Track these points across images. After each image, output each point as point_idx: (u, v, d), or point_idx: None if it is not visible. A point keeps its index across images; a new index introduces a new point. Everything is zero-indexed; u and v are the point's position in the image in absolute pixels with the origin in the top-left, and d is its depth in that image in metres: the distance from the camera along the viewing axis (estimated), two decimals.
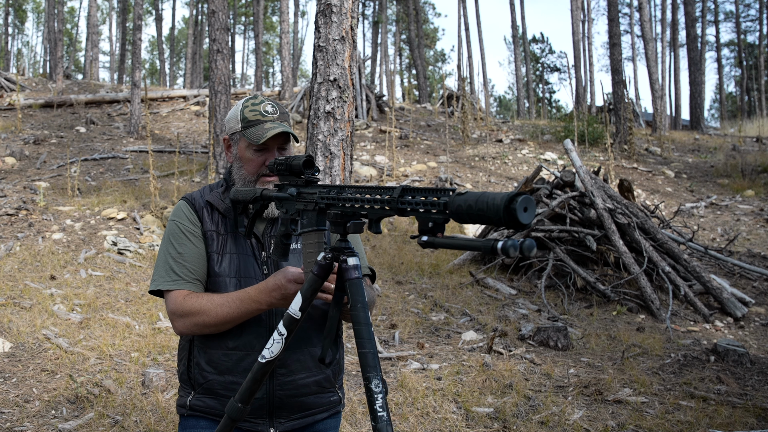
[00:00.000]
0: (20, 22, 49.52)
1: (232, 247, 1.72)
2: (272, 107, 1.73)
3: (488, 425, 3.30)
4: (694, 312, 5.74)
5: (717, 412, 3.48)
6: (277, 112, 1.74)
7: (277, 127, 1.68)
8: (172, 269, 1.69)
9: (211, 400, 1.70)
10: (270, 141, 1.70)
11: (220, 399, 1.68)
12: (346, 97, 4.02)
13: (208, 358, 1.69)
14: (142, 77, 21.04)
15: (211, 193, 1.78)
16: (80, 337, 4.29)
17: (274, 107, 1.74)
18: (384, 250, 7.43)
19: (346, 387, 3.66)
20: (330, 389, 1.77)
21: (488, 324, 5.15)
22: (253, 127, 1.70)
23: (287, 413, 1.69)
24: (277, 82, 49.20)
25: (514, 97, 44.11)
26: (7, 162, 10.52)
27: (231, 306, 1.59)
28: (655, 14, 36.18)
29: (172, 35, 46.04)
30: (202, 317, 1.61)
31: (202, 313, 1.61)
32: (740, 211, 10.73)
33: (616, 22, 16.27)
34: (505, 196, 0.95)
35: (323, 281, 1.38)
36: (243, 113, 1.72)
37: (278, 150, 1.73)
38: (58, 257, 6.29)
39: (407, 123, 16.75)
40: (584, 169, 6.66)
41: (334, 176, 4.03)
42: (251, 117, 1.71)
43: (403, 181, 11.20)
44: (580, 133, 14.88)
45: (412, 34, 32.25)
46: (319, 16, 4.08)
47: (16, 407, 3.25)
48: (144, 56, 45.25)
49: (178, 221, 1.73)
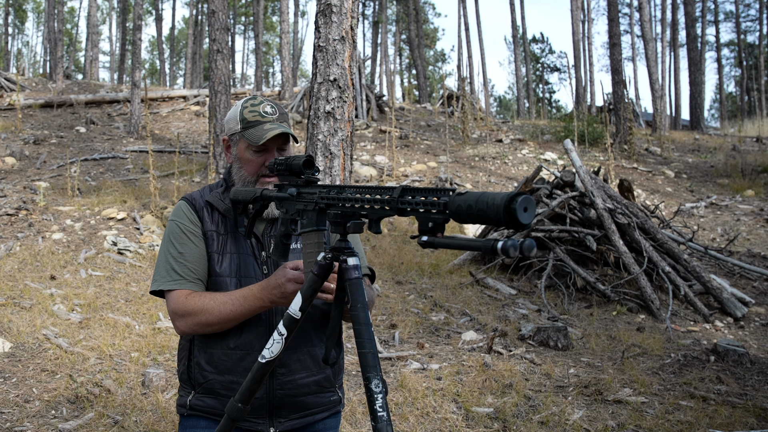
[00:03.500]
0: (20, 22, 49.52)
1: (233, 247, 1.72)
2: (271, 108, 1.73)
3: (488, 425, 3.30)
4: (694, 312, 5.74)
5: (717, 412, 3.48)
6: (277, 112, 1.73)
7: (277, 128, 1.67)
8: (173, 269, 1.68)
9: (211, 400, 1.70)
10: (269, 142, 1.70)
11: (220, 399, 1.68)
12: (346, 97, 4.02)
13: (208, 358, 1.69)
14: (142, 77, 21.05)
15: (211, 194, 1.78)
16: (80, 337, 4.29)
17: (273, 108, 1.73)
18: (384, 250, 7.43)
19: (346, 387, 3.67)
20: (330, 389, 1.77)
21: (488, 324, 5.15)
22: (253, 128, 1.70)
23: (287, 413, 1.69)
24: (277, 82, 49.20)
25: (514, 97, 44.12)
26: (7, 162, 10.52)
27: (234, 303, 1.59)
28: (655, 14, 36.19)
29: (172, 35, 46.04)
30: (205, 316, 1.61)
31: (205, 312, 1.61)
32: (740, 211, 10.73)
33: (616, 22, 16.27)
34: (505, 196, 0.95)
35: (323, 281, 1.38)
36: (242, 114, 1.72)
37: (278, 150, 1.73)
38: (58, 257, 6.28)
39: (407, 123, 16.75)
40: (584, 169, 6.66)
41: (334, 176, 4.03)
42: (250, 118, 1.71)
43: (403, 181, 11.20)
44: (580, 133, 14.88)
45: (412, 34, 32.24)
46: (319, 16, 4.07)
47: (16, 407, 3.25)
48: (144, 56, 45.26)
49: (179, 221, 1.73)
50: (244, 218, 1.68)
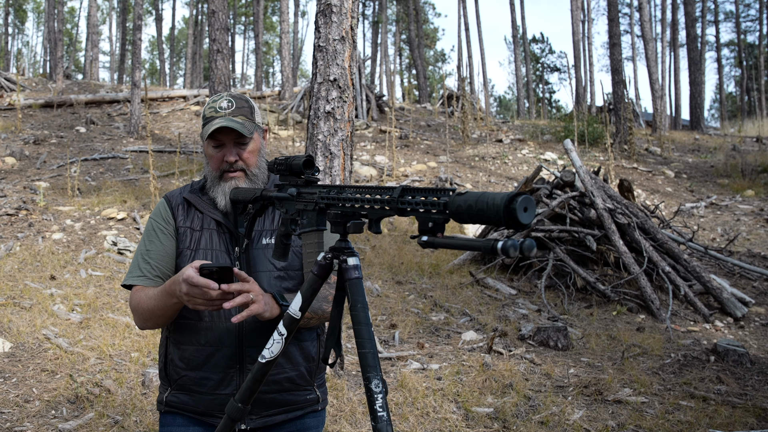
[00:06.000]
0: (20, 22, 49.52)
1: (207, 243, 1.73)
2: (228, 103, 1.74)
3: (488, 425, 3.30)
4: (694, 312, 5.74)
5: (717, 412, 3.48)
6: (233, 107, 1.73)
7: (221, 122, 1.68)
8: (138, 266, 1.73)
9: (185, 396, 1.72)
10: (222, 136, 1.71)
11: (193, 395, 1.70)
12: (346, 97, 4.02)
13: (180, 354, 1.71)
14: (142, 77, 21.04)
15: (191, 191, 1.81)
16: (80, 337, 4.29)
17: (230, 103, 1.74)
18: (384, 250, 7.43)
19: (346, 387, 3.66)
20: (306, 387, 1.77)
21: (488, 324, 5.15)
22: (207, 123, 1.73)
23: (258, 409, 1.70)
24: (277, 82, 49.20)
25: (514, 97, 44.11)
26: (7, 162, 10.52)
27: (155, 299, 1.62)
28: (655, 14, 36.20)
29: (172, 35, 46.03)
30: (140, 311, 1.66)
31: (140, 308, 1.66)
32: (740, 211, 10.73)
33: (616, 22, 16.26)
34: (505, 196, 0.95)
35: (323, 281, 1.39)
36: (204, 111, 1.77)
37: (235, 145, 1.73)
38: (58, 257, 6.28)
39: (407, 123, 16.75)
40: (584, 169, 6.66)
41: (334, 176, 4.02)
42: (207, 114, 1.75)
43: (403, 181, 11.20)
44: (580, 133, 14.87)
45: (412, 34, 32.24)
46: (319, 16, 4.08)
47: (16, 407, 3.25)
48: (144, 56, 45.27)
49: (153, 218, 1.78)
50: (243, 219, 1.69)
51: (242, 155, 1.73)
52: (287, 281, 1.73)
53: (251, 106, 1.78)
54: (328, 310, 1.68)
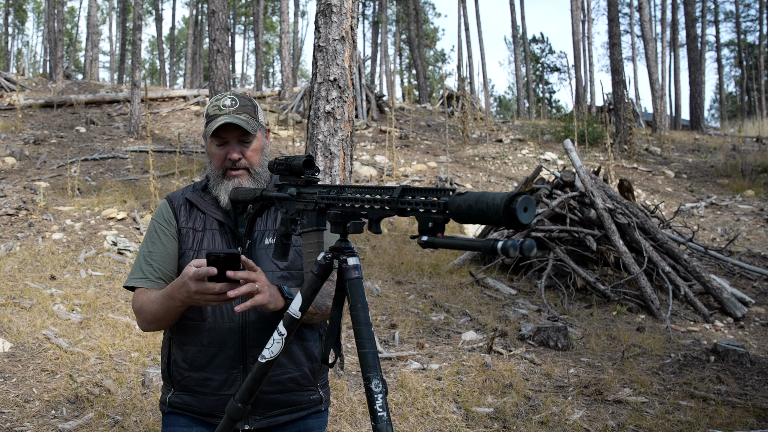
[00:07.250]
0: (20, 22, 49.52)
1: (210, 244, 1.74)
2: (232, 101, 1.73)
3: (488, 425, 3.30)
4: (694, 312, 5.74)
5: (717, 412, 3.48)
6: (236, 105, 1.73)
7: (226, 118, 1.68)
8: (140, 267, 1.73)
9: (188, 397, 1.72)
10: (226, 134, 1.71)
11: (197, 396, 1.70)
12: (346, 97, 4.02)
13: (184, 355, 1.71)
14: (142, 77, 21.05)
15: (193, 191, 1.80)
16: (80, 337, 4.29)
17: (233, 101, 1.74)
18: (384, 250, 7.43)
19: (346, 387, 3.66)
20: (309, 387, 1.77)
21: (488, 324, 5.15)
22: (211, 121, 1.72)
23: (262, 410, 1.70)
24: (277, 82, 49.20)
25: (514, 97, 44.12)
26: (7, 162, 10.52)
27: (158, 302, 1.60)
28: (655, 14, 36.19)
29: (172, 35, 46.03)
30: (143, 314, 1.65)
31: (143, 310, 1.65)
32: (740, 211, 10.73)
33: (616, 22, 16.26)
34: (505, 196, 0.95)
35: (323, 281, 1.38)
36: (207, 110, 1.76)
37: (239, 143, 1.73)
38: (58, 257, 6.28)
39: (407, 123, 16.75)
40: (584, 169, 6.66)
41: (334, 176, 4.02)
42: (211, 112, 1.74)
43: (403, 181, 11.20)
44: (580, 133, 14.87)
45: (412, 34, 32.24)
46: (319, 16, 4.07)
47: (16, 407, 3.25)
48: (144, 56, 45.25)
49: (155, 220, 1.78)
50: (244, 218, 1.68)
51: (246, 153, 1.73)
52: (290, 281, 1.72)
53: (254, 105, 1.78)
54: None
